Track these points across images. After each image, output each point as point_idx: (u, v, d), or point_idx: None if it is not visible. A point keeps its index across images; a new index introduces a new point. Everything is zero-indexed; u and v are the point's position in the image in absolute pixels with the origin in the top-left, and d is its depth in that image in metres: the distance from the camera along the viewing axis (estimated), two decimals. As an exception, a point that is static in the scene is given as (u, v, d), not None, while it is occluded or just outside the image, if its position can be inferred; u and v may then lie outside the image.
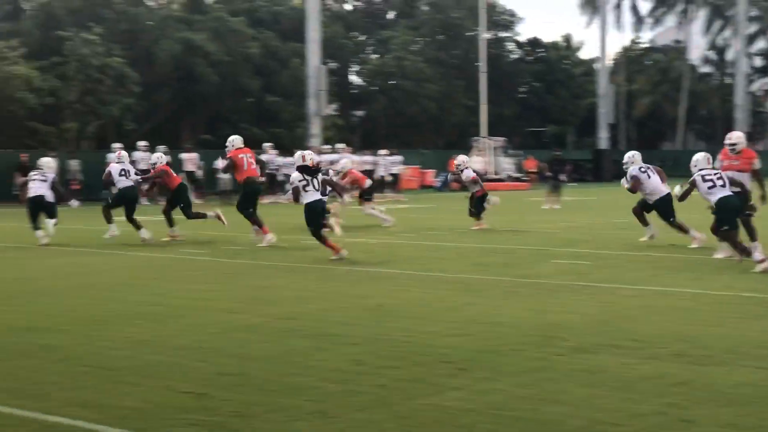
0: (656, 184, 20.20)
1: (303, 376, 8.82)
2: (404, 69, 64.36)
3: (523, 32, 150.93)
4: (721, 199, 16.75)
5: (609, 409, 7.58)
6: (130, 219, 22.62)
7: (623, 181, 20.45)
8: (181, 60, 47.87)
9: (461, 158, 26.35)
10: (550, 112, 78.72)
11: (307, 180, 18.18)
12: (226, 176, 28.43)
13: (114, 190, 23.39)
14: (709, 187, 16.92)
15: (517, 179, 56.13)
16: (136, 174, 23.40)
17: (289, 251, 20.10)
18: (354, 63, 71.29)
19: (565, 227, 25.51)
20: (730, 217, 16.67)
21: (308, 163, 18.36)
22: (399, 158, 46.82)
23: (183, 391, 8.45)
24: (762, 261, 15.72)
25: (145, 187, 24.43)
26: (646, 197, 20.35)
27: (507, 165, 58.04)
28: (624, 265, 16.92)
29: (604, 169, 66.32)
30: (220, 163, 26.49)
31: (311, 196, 18.19)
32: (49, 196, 22.21)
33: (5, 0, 50.39)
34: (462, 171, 25.72)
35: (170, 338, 10.76)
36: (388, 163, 45.42)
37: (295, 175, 18.37)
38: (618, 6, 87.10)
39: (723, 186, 16.87)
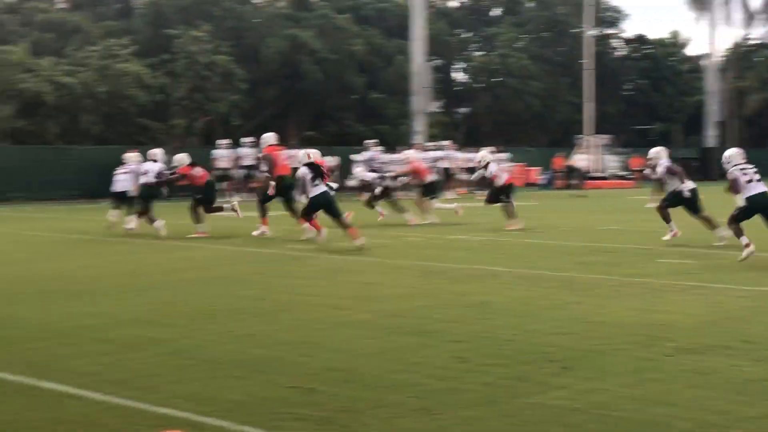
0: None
1: (408, 373, 8.83)
2: (509, 66, 64.06)
3: (629, 29, 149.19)
4: (757, 195, 16.78)
5: (717, 411, 7.45)
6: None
7: (647, 171, 21.09)
8: (287, 57, 48.23)
9: (483, 153, 26.27)
10: (657, 109, 77.65)
11: (313, 175, 19.84)
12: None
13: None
14: (747, 181, 16.96)
15: (622, 177, 55.49)
16: (156, 176, 24.06)
17: (392, 248, 20.13)
18: (458, 60, 71.13)
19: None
20: (755, 213, 16.99)
21: (313, 160, 20.17)
22: (506, 155, 46.58)
23: (289, 385, 8.51)
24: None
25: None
26: (681, 189, 20.24)
27: (612, 163, 57.43)
28: (733, 265, 16.60)
29: (711, 168, 65.25)
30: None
31: (318, 189, 19.92)
32: (132, 191, 23.57)
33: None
34: (487, 165, 25.50)
35: (276, 333, 10.85)
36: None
37: (304, 170, 20.08)
38: (727, 2, 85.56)
39: (759, 181, 16.94)
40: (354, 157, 39.85)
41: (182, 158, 24.00)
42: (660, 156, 20.63)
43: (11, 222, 27.21)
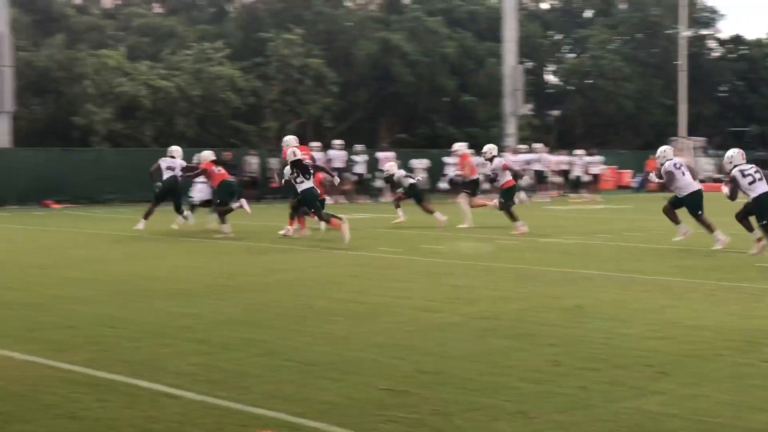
0: (688, 181, 20.10)
1: (502, 376, 8.79)
2: (601, 68, 63.49)
3: (725, 29, 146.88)
4: (763, 195, 16.93)
5: (820, 418, 7.31)
6: (177, 209, 24.65)
7: (652, 175, 20.67)
8: (378, 60, 48.36)
9: (489, 146, 26.05)
10: (753, 111, 76.31)
11: (297, 172, 21.37)
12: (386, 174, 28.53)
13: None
14: (750, 183, 17.06)
15: (717, 180, 54.67)
16: (181, 170, 24.93)
17: (485, 251, 20.08)
18: (550, 62, 70.71)
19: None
20: (760, 211, 17.18)
21: (299, 158, 21.58)
22: (599, 158, 46.15)
23: (382, 387, 8.53)
24: None
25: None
26: (676, 192, 20.15)
27: (707, 165, 56.64)
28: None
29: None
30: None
31: (305, 185, 21.40)
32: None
33: (210, 3, 51.91)
34: (492, 159, 25.24)
35: (369, 335, 10.88)
36: (585, 163, 44.85)
37: (287, 170, 22.02)
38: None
39: (761, 180, 16.94)
40: (446, 159, 39.83)
41: (207, 155, 24.48)
42: (666, 155, 20.40)
43: (107, 222, 27.66)
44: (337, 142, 40.50)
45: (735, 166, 17.68)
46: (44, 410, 7.86)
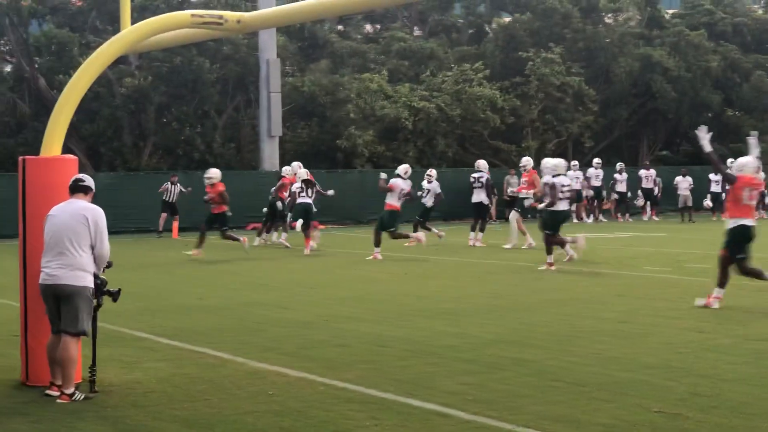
0: None
1: (782, 401, 8.47)
2: None
3: None
4: None
5: None
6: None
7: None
8: (639, 76, 47.52)
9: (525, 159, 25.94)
10: None
11: (302, 188, 25.62)
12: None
13: None
14: None
15: None
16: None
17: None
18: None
19: None
20: None
21: (308, 177, 26.04)
22: None
23: (655, 410, 8.36)
24: None
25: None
26: None
27: None
28: None
29: None
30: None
31: (303, 199, 25.47)
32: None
33: (470, 24, 52.32)
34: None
35: (639, 356, 10.69)
36: None
37: (296, 186, 25.88)
38: None
39: None
40: (712, 176, 38.68)
41: (215, 173, 25.20)
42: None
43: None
44: (596, 160, 39.98)
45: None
46: (320, 426, 8.08)
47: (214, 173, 24.94)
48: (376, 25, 53.95)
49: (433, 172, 27.97)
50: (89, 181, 9.50)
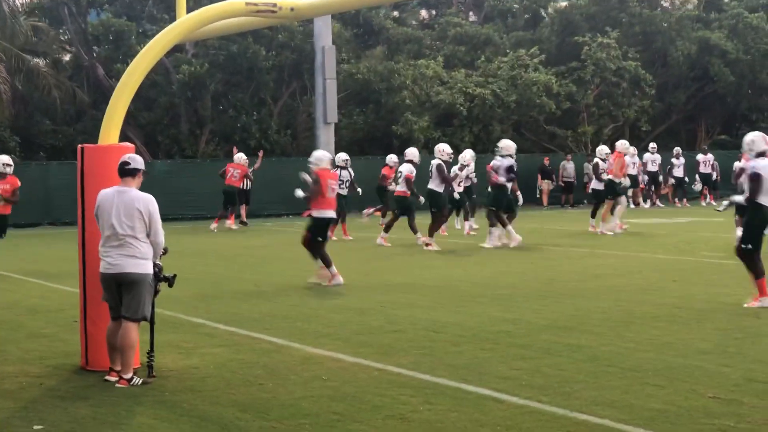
0: None
1: (838, 387, 8.41)
2: None
3: None
4: None
5: None
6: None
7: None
8: (697, 60, 47.06)
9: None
10: None
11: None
12: None
13: None
14: None
15: None
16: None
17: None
18: None
19: None
20: None
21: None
22: None
23: (710, 395, 8.34)
24: None
25: None
26: None
27: None
28: None
29: None
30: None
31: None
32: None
33: (525, 9, 52.08)
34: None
35: (694, 341, 10.65)
36: None
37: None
38: None
39: None
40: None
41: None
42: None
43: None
44: (652, 145, 39.64)
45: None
46: (374, 411, 8.15)
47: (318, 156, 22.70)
48: (432, 10, 53.89)
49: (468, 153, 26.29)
50: (135, 162, 9.48)
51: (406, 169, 23.30)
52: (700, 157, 39.71)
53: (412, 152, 23.77)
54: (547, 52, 45.61)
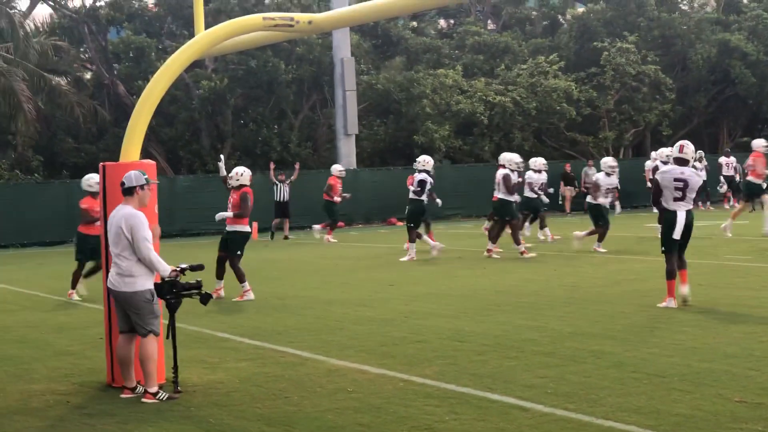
0: None
1: None
2: None
3: None
4: None
5: None
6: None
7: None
8: (717, 62, 46.94)
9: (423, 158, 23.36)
10: None
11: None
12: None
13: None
14: None
15: None
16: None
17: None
18: None
19: None
20: None
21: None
22: None
23: (737, 400, 8.31)
24: None
25: None
26: None
27: None
28: None
29: None
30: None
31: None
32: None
33: (543, 16, 52.10)
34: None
35: (720, 346, 10.61)
36: None
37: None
38: None
39: None
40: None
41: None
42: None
43: (449, 238, 28.17)
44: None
45: None
46: (400, 422, 8.15)
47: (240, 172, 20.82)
48: (450, 20, 53.93)
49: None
50: (129, 180, 9.53)
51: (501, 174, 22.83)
52: (722, 159, 39.53)
53: (425, 159, 23.49)
54: (566, 59, 45.61)
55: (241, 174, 16.77)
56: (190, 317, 13.53)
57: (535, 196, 24.74)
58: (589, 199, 23.20)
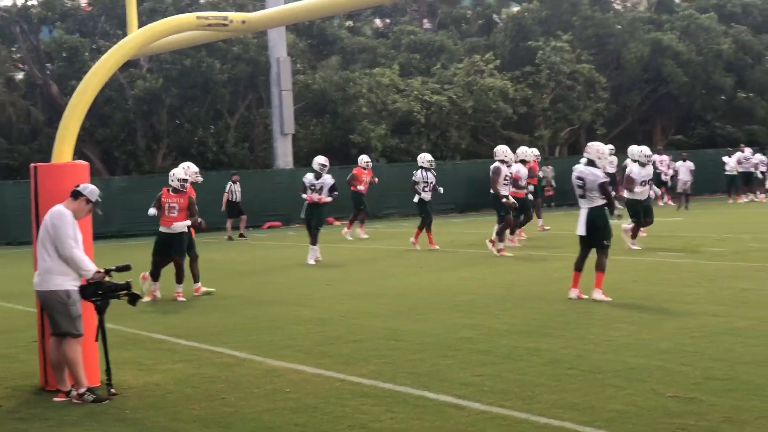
0: None
1: (795, 382, 8.49)
2: None
3: None
4: None
5: None
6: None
7: None
8: (650, 61, 47.44)
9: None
10: None
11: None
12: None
13: None
14: None
15: None
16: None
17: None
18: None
19: None
20: None
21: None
22: None
23: (669, 395, 8.40)
24: None
25: None
26: None
27: None
28: None
29: None
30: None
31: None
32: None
33: (479, 15, 52.33)
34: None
35: (653, 342, 10.72)
36: None
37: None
38: None
39: None
40: (725, 159, 38.63)
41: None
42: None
43: (386, 238, 28.26)
44: (609, 146, 39.80)
45: None
46: (337, 421, 8.15)
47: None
48: (386, 19, 53.99)
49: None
50: (85, 188, 9.47)
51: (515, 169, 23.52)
52: (655, 157, 39.90)
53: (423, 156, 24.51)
54: (501, 58, 45.86)
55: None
56: (125, 319, 13.40)
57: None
58: (626, 194, 21.44)
